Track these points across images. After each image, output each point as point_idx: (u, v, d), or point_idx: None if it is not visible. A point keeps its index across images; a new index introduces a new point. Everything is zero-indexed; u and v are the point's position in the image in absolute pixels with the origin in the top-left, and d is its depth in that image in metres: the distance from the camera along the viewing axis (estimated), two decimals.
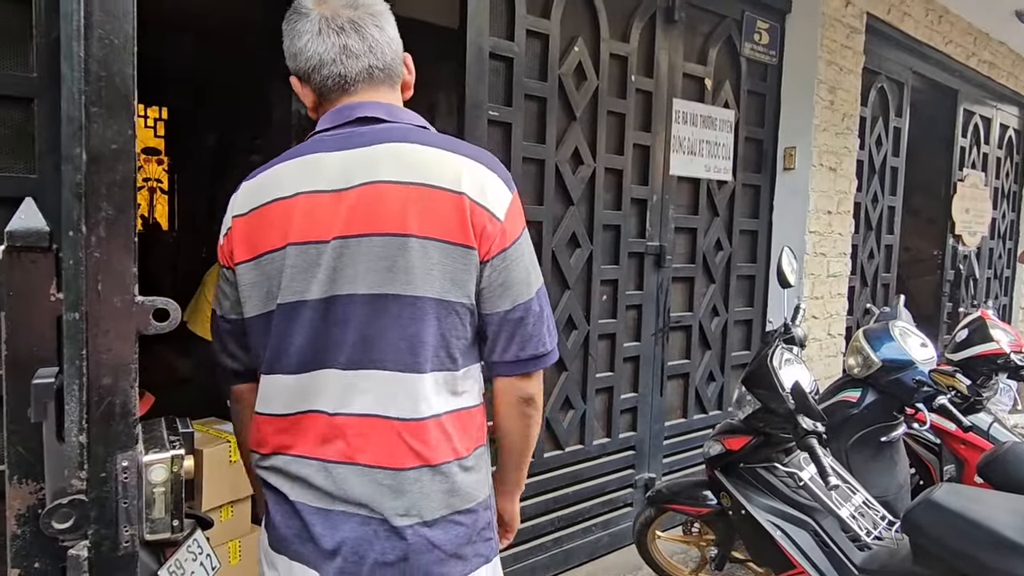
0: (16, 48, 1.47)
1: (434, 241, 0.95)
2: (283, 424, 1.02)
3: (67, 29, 0.67)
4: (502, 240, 0.99)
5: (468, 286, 0.98)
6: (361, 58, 1.02)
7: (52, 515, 0.70)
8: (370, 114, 1.02)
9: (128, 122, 0.70)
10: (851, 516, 1.92)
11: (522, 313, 1.01)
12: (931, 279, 4.98)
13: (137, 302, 0.72)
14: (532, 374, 1.06)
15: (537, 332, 1.03)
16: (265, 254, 1.00)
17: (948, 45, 4.49)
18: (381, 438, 0.97)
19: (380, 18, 1.05)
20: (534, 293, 1.03)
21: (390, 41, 1.05)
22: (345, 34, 1.02)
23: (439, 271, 0.96)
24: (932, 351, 2.45)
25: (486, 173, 1.00)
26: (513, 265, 1.00)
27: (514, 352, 1.03)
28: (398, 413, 0.97)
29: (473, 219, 0.96)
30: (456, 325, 0.98)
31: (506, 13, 2.43)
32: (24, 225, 0.73)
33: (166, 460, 0.76)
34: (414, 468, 0.97)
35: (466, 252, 0.97)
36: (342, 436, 0.98)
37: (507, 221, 0.99)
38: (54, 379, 0.72)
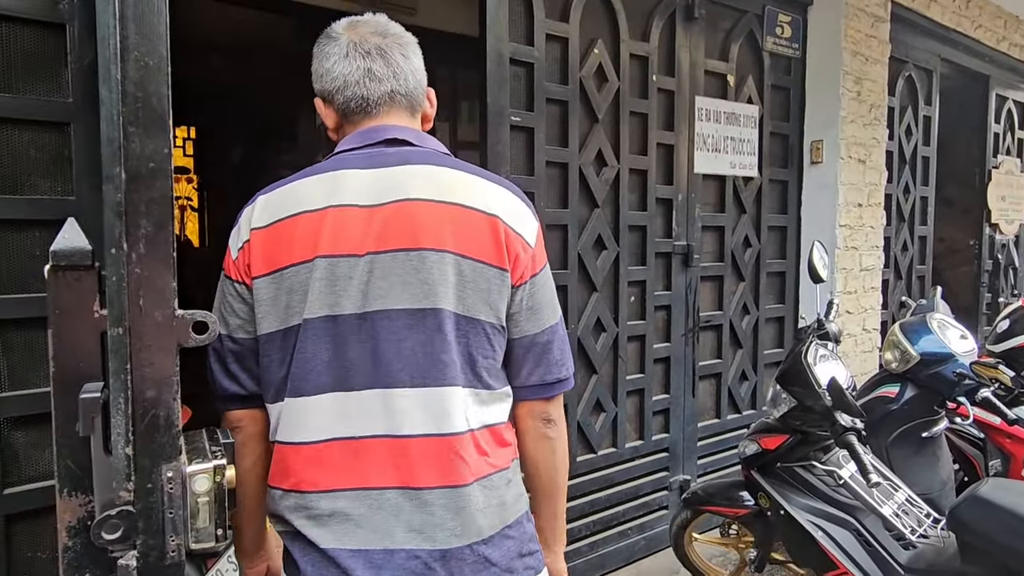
0: (51, 74, 1.51)
1: (469, 260, 0.97)
2: (313, 452, 0.97)
3: (104, 53, 0.69)
4: (533, 266, 1.03)
5: (499, 307, 1.00)
6: (384, 82, 1.05)
7: (102, 526, 0.72)
8: (398, 136, 1.05)
9: (164, 141, 0.72)
10: (894, 514, 1.88)
11: (549, 336, 1.05)
12: (968, 270, 4.86)
13: (177, 316, 0.74)
14: (553, 398, 1.09)
15: (562, 356, 1.08)
16: (288, 267, 0.97)
17: (977, 30, 4.39)
18: (436, 457, 0.96)
19: (407, 48, 1.08)
20: (558, 318, 1.08)
21: (414, 71, 1.08)
22: (371, 58, 1.05)
23: (472, 289, 0.98)
24: (972, 343, 2.39)
25: (517, 201, 1.04)
26: (541, 290, 1.04)
27: (540, 375, 1.06)
28: (449, 428, 0.96)
29: (508, 243, 0.99)
30: (484, 345, 1.00)
31: (525, 18, 2.44)
32: (67, 245, 0.75)
33: (209, 470, 0.78)
34: (470, 484, 0.97)
35: (500, 274, 0.99)
36: (392, 459, 0.95)
37: (537, 248, 1.04)
38: (100, 393, 0.74)
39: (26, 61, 1.48)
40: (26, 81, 1.48)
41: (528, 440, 1.09)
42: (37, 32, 1.49)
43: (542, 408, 1.08)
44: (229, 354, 1.03)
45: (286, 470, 1.00)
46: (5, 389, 1.46)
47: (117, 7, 0.69)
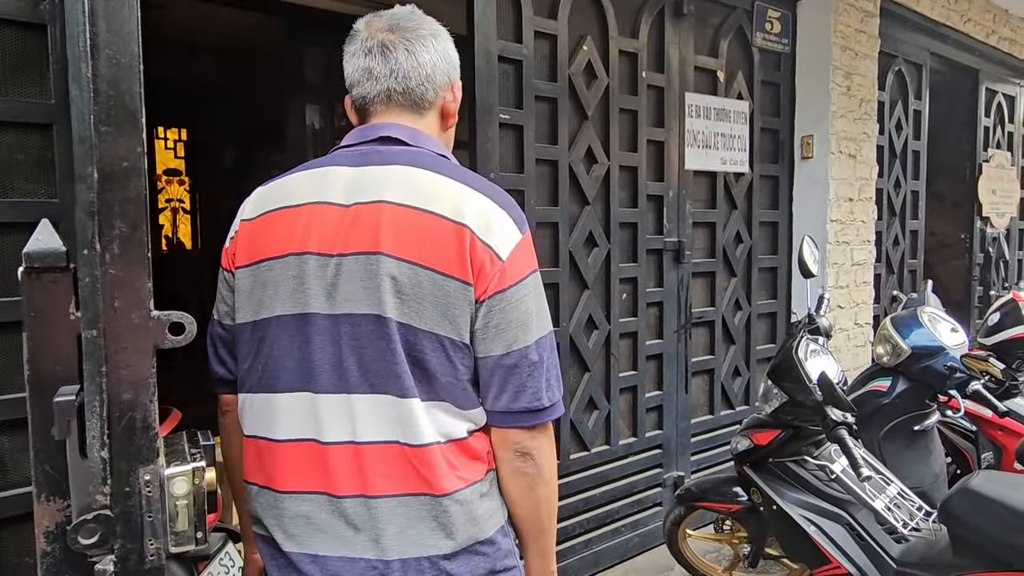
0: (34, 76, 1.49)
1: (428, 270, 0.92)
2: (281, 451, 0.98)
3: (74, 51, 0.68)
4: (501, 280, 0.94)
5: (461, 322, 0.93)
6: (380, 81, 1.03)
7: (78, 531, 0.71)
8: (393, 135, 1.02)
9: (137, 139, 0.71)
10: (886, 508, 1.88)
11: (516, 360, 0.95)
12: (960, 263, 4.87)
13: (153, 317, 0.73)
14: (527, 429, 0.98)
15: (533, 384, 0.96)
16: (264, 261, 0.98)
17: (967, 24, 4.40)
18: (396, 467, 0.93)
19: (416, 42, 1.03)
20: (532, 341, 0.96)
21: (418, 66, 1.03)
22: (371, 57, 1.03)
23: (430, 302, 0.92)
24: (963, 336, 2.39)
25: (495, 210, 0.96)
26: (511, 308, 0.94)
27: (505, 402, 0.97)
28: (411, 439, 0.93)
29: (473, 254, 0.92)
30: (442, 360, 0.93)
31: (513, 15, 2.44)
32: (41, 246, 0.74)
33: (187, 472, 0.77)
34: (434, 496, 0.93)
35: (462, 287, 0.92)
36: (353, 467, 0.94)
37: (510, 262, 0.94)
38: (75, 396, 0.73)
39: (8, 63, 1.46)
40: (8, 83, 1.46)
41: (502, 473, 1.01)
42: (18, 33, 1.47)
43: (514, 439, 0.98)
44: (218, 339, 1.07)
45: (260, 465, 1.01)
46: None
47: (87, 4, 0.68)
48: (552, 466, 1.02)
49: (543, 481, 1.00)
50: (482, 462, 0.99)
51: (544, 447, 1.00)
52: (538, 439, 0.99)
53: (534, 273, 0.99)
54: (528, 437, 0.98)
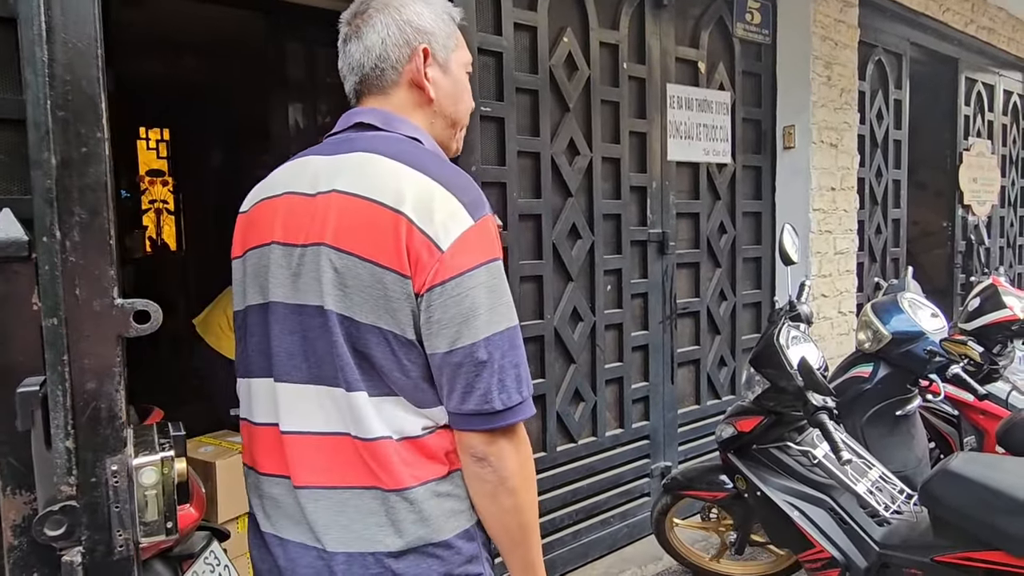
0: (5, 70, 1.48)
1: (366, 262, 0.88)
2: (259, 433, 1.00)
3: (28, 34, 0.67)
4: (439, 272, 0.86)
5: (402, 316, 0.88)
6: (348, 78, 1.04)
7: (44, 522, 0.70)
8: (365, 120, 1.01)
9: (97, 125, 0.70)
10: (868, 491, 1.90)
11: (461, 358, 0.88)
12: (942, 252, 4.92)
13: (117, 305, 0.72)
14: (481, 432, 0.90)
15: (481, 385, 0.88)
16: (249, 251, 1.01)
17: (945, 13, 4.43)
18: (343, 458, 0.92)
19: (364, 26, 1.01)
20: (480, 338, 0.88)
21: (367, 51, 1.00)
22: (340, 55, 1.05)
23: (370, 295, 0.88)
24: (943, 321, 2.41)
25: (442, 195, 0.89)
26: (452, 302, 0.87)
27: (455, 403, 0.90)
28: (360, 432, 0.90)
29: (409, 244, 0.87)
30: (388, 356, 0.89)
31: (492, 7, 2.43)
32: (1, 236, 0.73)
33: (156, 462, 0.76)
34: (382, 491, 0.91)
35: (399, 279, 0.87)
36: (301, 454, 0.94)
37: (451, 251, 0.87)
38: (39, 387, 0.72)
39: None
40: None
41: (465, 476, 0.95)
42: None
43: (468, 443, 0.91)
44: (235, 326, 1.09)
45: (248, 446, 1.04)
46: None
47: None
48: (520, 474, 0.93)
49: (506, 490, 0.92)
50: (440, 462, 0.94)
51: (505, 453, 0.91)
52: (497, 444, 0.91)
53: (489, 264, 0.90)
54: (483, 442, 0.90)
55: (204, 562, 1.84)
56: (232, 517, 2.24)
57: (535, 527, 0.97)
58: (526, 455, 0.94)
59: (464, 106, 1.09)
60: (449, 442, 0.95)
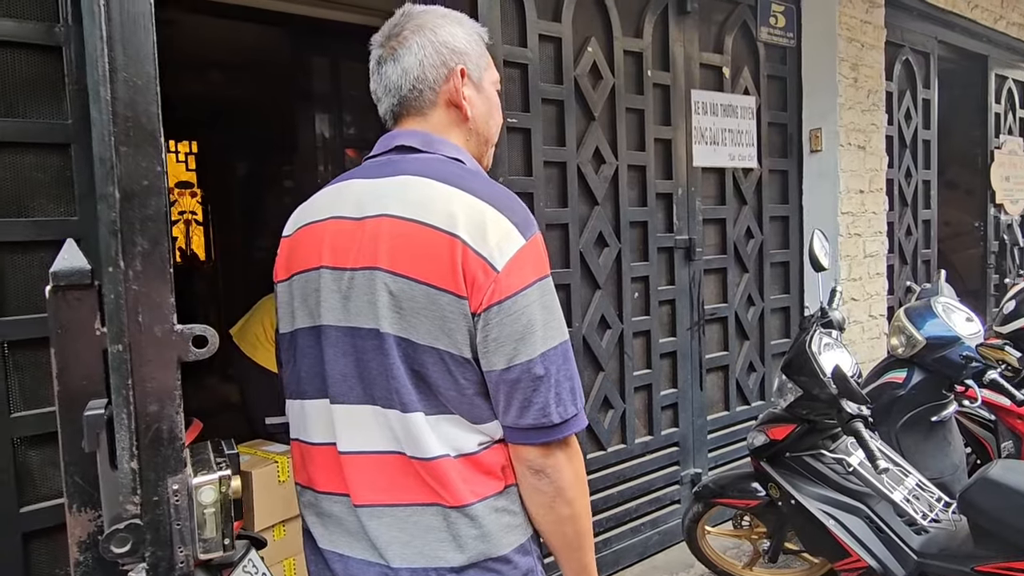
0: (51, 97, 1.54)
1: (421, 284, 0.90)
2: (315, 453, 1.02)
3: (93, 75, 0.70)
4: (496, 292, 0.89)
5: (458, 336, 0.90)
6: (383, 101, 1.05)
7: (111, 540, 0.73)
8: (406, 143, 1.01)
9: (156, 159, 0.73)
10: (905, 500, 1.88)
11: (518, 375, 0.90)
12: (974, 252, 4.83)
13: (176, 331, 0.75)
14: (537, 446, 0.93)
15: (540, 400, 0.90)
16: (296, 275, 1.03)
17: (974, 10, 4.37)
18: (403, 477, 0.94)
19: (400, 48, 1.02)
20: (537, 354, 0.90)
21: (404, 73, 1.01)
22: (374, 77, 1.05)
23: (425, 316, 0.90)
24: (978, 325, 2.38)
25: (494, 216, 0.91)
26: (510, 320, 0.89)
27: (512, 418, 0.92)
28: (417, 452, 0.92)
29: (465, 266, 0.89)
30: (444, 375, 0.91)
31: (517, 20, 2.45)
32: (67, 265, 0.76)
33: (214, 481, 0.79)
34: (442, 507, 0.93)
35: (455, 300, 0.89)
36: (360, 474, 0.96)
37: (506, 271, 0.89)
38: (104, 410, 0.76)
39: (25, 85, 1.50)
40: (26, 105, 1.50)
41: (521, 489, 0.97)
42: (35, 56, 1.51)
43: (525, 456, 0.94)
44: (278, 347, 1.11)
45: (302, 466, 1.06)
46: (19, 409, 1.48)
47: (104, 29, 0.70)
48: (576, 484, 0.95)
49: (564, 501, 0.94)
50: (497, 477, 0.96)
51: (561, 465, 0.94)
52: (553, 456, 0.93)
53: (541, 281, 0.92)
54: (540, 455, 0.93)
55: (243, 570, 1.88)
56: (268, 525, 2.29)
57: (590, 532, 1.00)
58: (580, 464, 0.97)
59: (495, 123, 1.11)
60: (504, 457, 0.97)
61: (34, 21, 1.49)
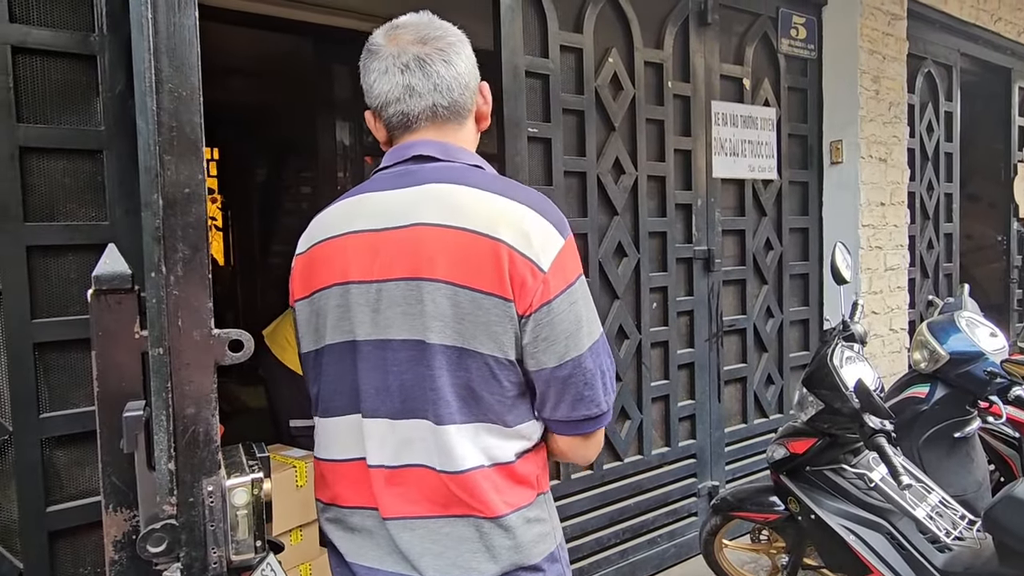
0: (84, 104, 1.57)
1: (466, 289, 0.91)
2: (339, 470, 1.02)
3: (140, 86, 0.72)
4: (545, 293, 0.91)
5: (504, 339, 0.92)
6: (425, 96, 1.00)
7: (147, 540, 0.75)
8: (425, 152, 1.00)
9: (198, 167, 0.75)
10: (928, 517, 1.85)
11: (570, 371, 0.94)
12: (997, 266, 4.77)
13: (214, 335, 0.76)
14: (586, 436, 0.99)
15: (590, 392, 0.95)
16: (317, 291, 1.01)
17: (997, 23, 4.34)
18: (433, 489, 0.94)
19: (449, 52, 1.01)
20: (585, 349, 0.94)
21: (458, 76, 1.01)
22: (410, 72, 0.99)
23: (471, 322, 0.91)
24: (1003, 341, 2.35)
25: (533, 218, 0.93)
26: (558, 319, 0.92)
27: (564, 412, 0.96)
28: (451, 465, 0.93)
29: (512, 269, 0.90)
30: (488, 379, 0.93)
31: (539, 31, 2.47)
32: (109, 269, 0.78)
33: (247, 484, 0.80)
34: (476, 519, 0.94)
35: (502, 304, 0.90)
36: (390, 487, 0.96)
37: (552, 271, 0.91)
38: (142, 411, 0.77)
39: (60, 92, 1.54)
40: (60, 111, 1.54)
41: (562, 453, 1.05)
42: (70, 64, 1.55)
43: (573, 446, 1.01)
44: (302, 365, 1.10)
45: (324, 484, 1.05)
46: (47, 409, 1.50)
47: (151, 41, 0.72)
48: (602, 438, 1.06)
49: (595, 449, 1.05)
50: (530, 487, 0.98)
51: (598, 447, 1.04)
52: (593, 444, 1.02)
53: (580, 277, 0.96)
54: (586, 444, 1.01)
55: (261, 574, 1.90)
56: (286, 530, 2.30)
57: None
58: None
59: None
60: (538, 466, 0.99)
61: (70, 31, 1.52)
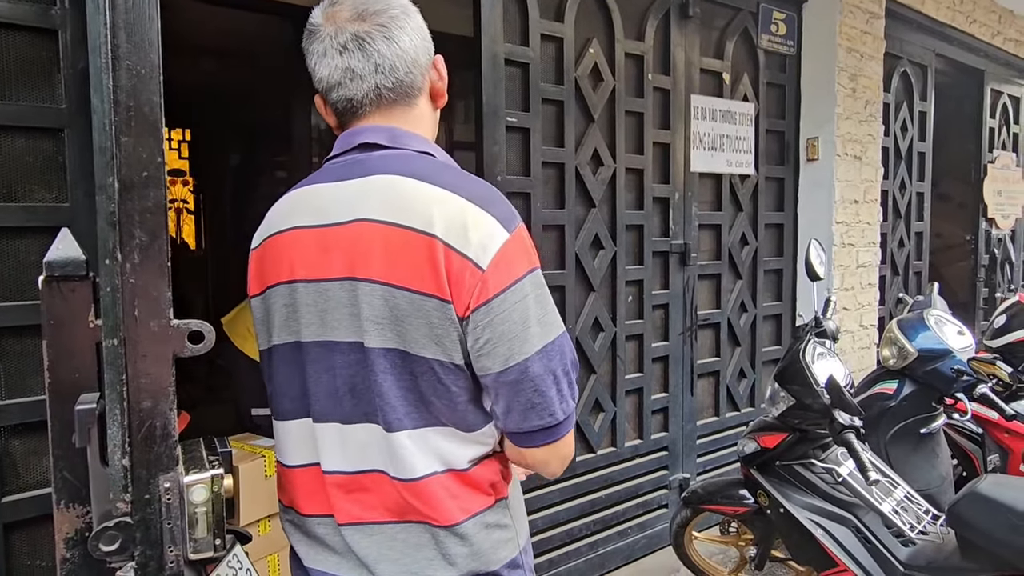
0: (45, 80, 1.51)
1: (403, 291, 0.85)
2: (293, 477, 0.98)
3: (96, 62, 0.68)
4: (483, 291, 0.83)
5: (447, 343, 0.85)
6: (367, 79, 0.92)
7: (99, 538, 0.72)
8: (371, 140, 0.94)
9: (157, 150, 0.71)
10: (893, 511, 1.88)
11: (516, 376, 0.85)
12: (965, 265, 4.87)
13: (173, 325, 0.73)
14: (541, 446, 0.91)
15: (541, 400, 0.87)
16: (266, 289, 0.97)
17: (972, 25, 4.40)
18: (388, 495, 0.90)
19: (391, 27, 0.92)
20: (533, 351, 0.85)
21: (402, 54, 0.93)
22: (348, 53, 0.91)
23: (411, 324, 0.85)
24: (970, 339, 2.39)
25: (474, 212, 0.85)
26: (500, 319, 0.84)
27: (515, 422, 0.89)
28: (395, 472, 0.89)
29: (448, 268, 0.83)
30: (435, 384, 0.87)
31: (519, 19, 2.44)
32: (61, 255, 0.74)
33: (206, 480, 0.77)
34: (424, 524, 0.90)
35: (440, 305, 0.84)
36: (346, 493, 0.92)
37: (493, 268, 0.84)
38: (96, 404, 0.74)
39: (19, 68, 1.48)
40: (19, 87, 1.48)
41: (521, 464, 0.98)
42: (30, 38, 1.48)
43: (531, 456, 0.93)
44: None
45: (282, 487, 1.02)
46: (2, 397, 1.45)
47: (108, 16, 0.68)
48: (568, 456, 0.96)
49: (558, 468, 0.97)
50: (486, 493, 0.93)
51: (560, 450, 0.93)
52: (555, 447, 0.92)
53: (530, 274, 0.87)
54: (542, 454, 0.92)
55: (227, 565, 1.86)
56: (254, 520, 2.26)
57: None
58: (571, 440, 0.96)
59: None
60: (495, 472, 0.95)
61: (30, 3, 1.46)
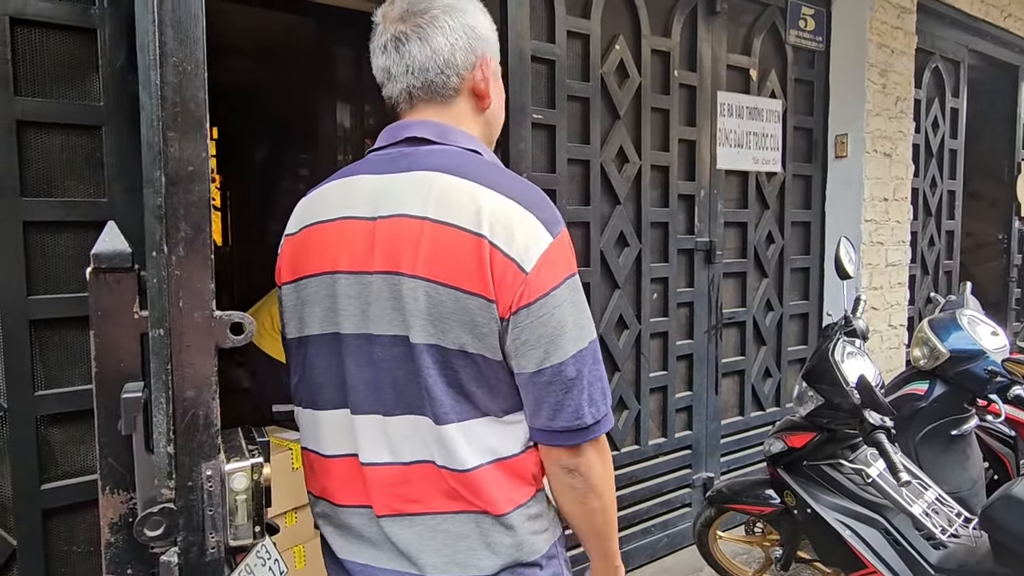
0: (83, 78, 1.54)
1: (447, 288, 0.86)
2: (329, 466, 0.99)
3: (144, 59, 0.70)
4: (526, 294, 0.86)
5: (490, 340, 0.87)
6: (399, 80, 0.97)
7: (144, 523, 0.74)
8: (418, 134, 0.95)
9: (202, 145, 0.73)
10: (924, 513, 1.86)
11: (549, 377, 0.88)
12: (997, 264, 4.77)
13: (216, 317, 0.75)
14: (570, 448, 0.91)
15: (571, 402, 0.88)
16: (304, 278, 0.98)
17: (1007, 20, 4.30)
18: (434, 485, 0.92)
19: (428, 27, 0.95)
20: (568, 356, 0.88)
21: (433, 55, 0.95)
22: (387, 54, 0.96)
23: (455, 320, 0.87)
24: (1004, 339, 2.35)
25: (520, 215, 0.87)
26: (540, 322, 0.86)
27: (544, 420, 0.90)
28: (444, 462, 0.90)
29: (493, 268, 0.85)
30: (478, 377, 0.89)
31: (546, 15, 2.44)
32: (108, 248, 0.76)
33: (247, 468, 0.79)
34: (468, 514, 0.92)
35: (484, 304, 0.86)
36: (386, 484, 0.93)
37: (536, 272, 0.86)
38: (141, 393, 0.76)
39: (58, 66, 1.51)
40: (59, 85, 1.51)
41: (553, 485, 0.97)
42: (69, 37, 1.51)
43: (557, 456, 0.93)
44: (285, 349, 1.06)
45: (315, 476, 1.03)
46: (42, 387, 1.49)
47: (156, 14, 0.70)
48: (605, 478, 0.96)
49: (595, 495, 0.95)
50: (529, 484, 0.95)
51: (592, 462, 0.93)
52: (585, 455, 0.92)
53: (569, 279, 0.90)
54: (573, 455, 0.92)
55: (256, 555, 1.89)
56: (281, 512, 2.29)
57: (615, 519, 1.01)
58: (609, 460, 0.97)
59: (502, 116, 1.08)
60: (535, 463, 0.96)
61: (70, 2, 1.49)
